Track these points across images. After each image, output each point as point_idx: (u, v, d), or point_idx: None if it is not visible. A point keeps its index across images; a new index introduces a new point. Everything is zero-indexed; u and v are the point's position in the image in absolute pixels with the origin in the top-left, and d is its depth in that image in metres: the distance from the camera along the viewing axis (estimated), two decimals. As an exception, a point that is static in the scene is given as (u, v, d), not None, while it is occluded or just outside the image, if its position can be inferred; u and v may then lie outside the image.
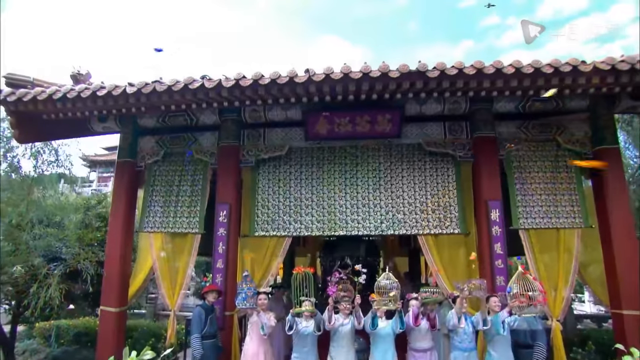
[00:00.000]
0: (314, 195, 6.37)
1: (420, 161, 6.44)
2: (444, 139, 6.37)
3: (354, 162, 6.44)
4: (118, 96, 5.11)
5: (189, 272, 6.48)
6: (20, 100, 5.20)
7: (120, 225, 6.36)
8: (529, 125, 6.38)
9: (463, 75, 5.02)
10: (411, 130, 6.41)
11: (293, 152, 6.48)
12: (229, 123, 6.35)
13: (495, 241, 5.81)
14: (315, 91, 5.03)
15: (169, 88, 4.97)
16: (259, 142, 6.45)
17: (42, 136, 6.22)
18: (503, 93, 5.45)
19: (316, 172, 6.42)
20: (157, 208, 6.54)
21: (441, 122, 6.41)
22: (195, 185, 6.48)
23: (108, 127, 6.60)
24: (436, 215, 6.21)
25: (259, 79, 4.84)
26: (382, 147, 6.45)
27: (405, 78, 4.95)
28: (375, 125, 6.02)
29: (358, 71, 4.85)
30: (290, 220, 6.33)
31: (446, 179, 6.36)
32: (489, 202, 5.92)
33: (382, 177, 6.40)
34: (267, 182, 6.44)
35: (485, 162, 6.13)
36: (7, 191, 6.30)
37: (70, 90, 5.15)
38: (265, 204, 6.39)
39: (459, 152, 6.31)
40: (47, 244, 6.91)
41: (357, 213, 6.31)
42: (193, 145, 6.42)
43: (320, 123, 5.97)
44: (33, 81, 5.37)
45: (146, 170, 6.66)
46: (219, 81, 4.91)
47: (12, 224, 6.40)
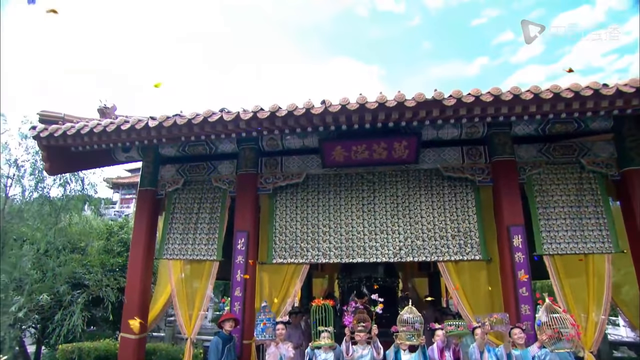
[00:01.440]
0: (331, 222, 6.35)
1: (438, 186, 6.36)
2: (462, 164, 6.29)
3: (371, 188, 6.42)
4: (141, 130, 5.31)
5: (206, 298, 6.51)
6: (52, 136, 5.48)
7: (141, 254, 6.49)
8: (550, 147, 6.24)
9: (480, 102, 5.00)
10: (428, 155, 6.37)
11: (310, 179, 6.52)
12: (247, 151, 6.48)
13: (518, 268, 5.63)
14: (331, 121, 5.09)
15: (189, 121, 5.13)
16: (277, 170, 6.54)
17: (70, 167, 6.49)
18: (522, 118, 5.39)
19: (333, 199, 6.43)
20: (177, 235, 6.65)
21: (459, 147, 6.35)
22: (213, 213, 6.58)
23: (131, 157, 6.85)
24: (456, 242, 6.08)
25: (276, 111, 4.94)
26: (400, 173, 6.42)
27: (421, 107, 4.96)
28: (392, 152, 6.01)
29: (374, 101, 4.89)
30: (307, 247, 6.32)
31: (465, 204, 6.24)
32: (511, 227, 5.77)
33: (399, 202, 6.34)
34: (284, 209, 6.48)
35: (506, 186, 6.01)
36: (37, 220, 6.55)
37: (97, 125, 5.39)
38: (282, 231, 6.41)
39: (478, 176, 6.21)
40: (71, 270, 7.09)
41: (375, 239, 6.24)
42: (212, 174, 6.56)
43: (336, 151, 6.01)
44: (64, 117, 5.66)
45: (166, 198, 6.82)
46: (237, 114, 5.05)
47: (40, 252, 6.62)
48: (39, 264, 6.76)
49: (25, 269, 6.38)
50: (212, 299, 16.01)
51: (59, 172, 6.43)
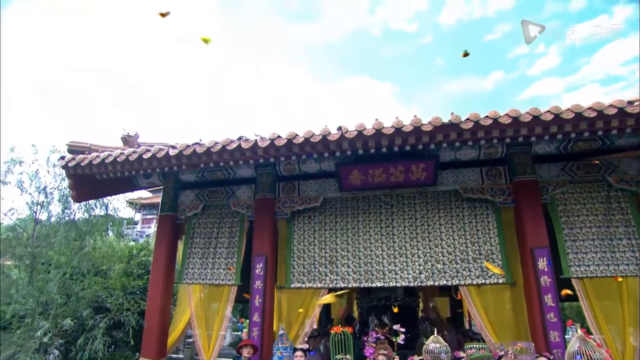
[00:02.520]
0: (349, 245, 6.30)
1: (457, 208, 6.25)
2: (481, 185, 6.18)
3: (389, 211, 6.36)
4: (161, 158, 5.47)
5: (225, 319, 6.52)
6: (79, 165, 5.71)
7: (161, 278, 6.58)
8: (574, 166, 6.08)
9: (498, 125, 4.93)
10: (447, 177, 6.29)
11: (327, 203, 6.53)
12: (264, 176, 6.56)
13: (544, 292, 5.41)
14: (348, 146, 5.12)
15: (208, 149, 5.25)
16: (294, 194, 6.58)
17: (95, 194, 6.73)
18: (542, 138, 5.28)
19: (351, 222, 6.39)
20: (196, 260, 6.72)
21: (478, 168, 6.25)
22: (232, 237, 6.64)
23: (152, 182, 7.03)
24: (478, 265, 5.92)
25: (293, 138, 5.01)
26: (418, 195, 6.35)
27: (438, 131, 4.93)
28: (409, 175, 5.97)
29: (390, 126, 4.90)
30: (326, 271, 6.27)
31: (486, 225, 6.10)
32: (535, 249, 5.59)
33: (418, 225, 6.25)
34: (302, 233, 6.48)
35: (528, 207, 5.85)
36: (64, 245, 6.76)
37: (120, 154, 5.58)
38: (300, 255, 6.40)
39: (498, 197, 6.08)
40: (93, 293, 7.24)
41: (394, 263, 6.15)
42: (230, 199, 6.65)
43: (353, 175, 6.01)
44: (90, 147, 5.89)
45: (186, 223, 6.94)
46: (254, 141, 5.14)
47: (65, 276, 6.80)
48: (64, 288, 6.94)
49: (51, 293, 6.56)
50: (231, 319, 15.98)
51: (84, 199, 6.67)
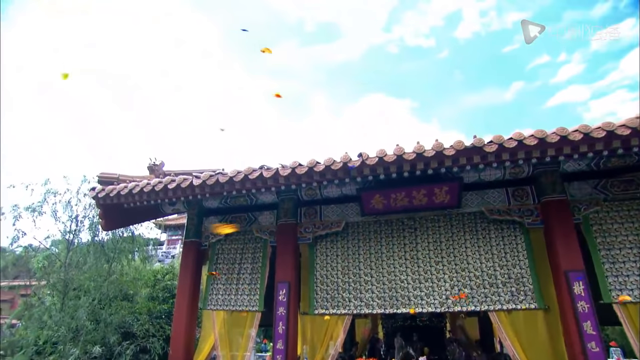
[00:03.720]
0: (373, 270, 6.20)
1: (484, 230, 6.07)
2: (507, 206, 5.99)
3: (413, 234, 6.24)
4: (186, 188, 5.61)
5: (250, 343, 6.50)
6: (108, 196, 5.94)
7: (186, 304, 6.65)
8: (608, 183, 5.81)
9: (523, 146, 4.81)
10: (471, 198, 6.14)
11: (350, 227, 6.48)
12: (286, 202, 6.60)
13: (583, 319, 5.11)
14: (369, 173, 5.10)
15: (231, 179, 5.35)
16: (316, 219, 6.58)
17: (123, 222, 6.94)
18: (571, 157, 5.09)
19: (374, 247, 6.30)
20: (220, 286, 6.77)
21: (503, 188, 6.08)
22: (255, 263, 6.67)
23: (176, 209, 7.21)
24: (507, 289, 5.69)
25: (314, 166, 5.04)
26: (442, 218, 6.22)
27: (461, 154, 4.85)
28: (432, 198, 5.87)
29: (411, 152, 4.86)
30: (350, 297, 6.17)
31: (515, 247, 5.88)
32: (569, 273, 5.32)
33: (443, 248, 6.10)
34: (324, 258, 6.44)
35: (558, 228, 5.60)
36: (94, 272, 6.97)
37: (146, 185, 5.77)
38: (324, 280, 6.34)
39: (526, 218, 5.87)
40: (121, 318, 7.41)
41: (419, 288, 5.99)
42: (253, 225, 6.71)
43: (375, 199, 5.96)
44: (118, 177, 6.13)
45: (210, 249, 7.03)
46: (276, 170, 5.20)
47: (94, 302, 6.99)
48: (93, 313, 7.13)
49: (81, 319, 6.75)
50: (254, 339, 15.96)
51: (113, 227, 6.90)
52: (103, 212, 6.24)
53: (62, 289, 6.89)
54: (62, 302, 6.90)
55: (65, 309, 6.79)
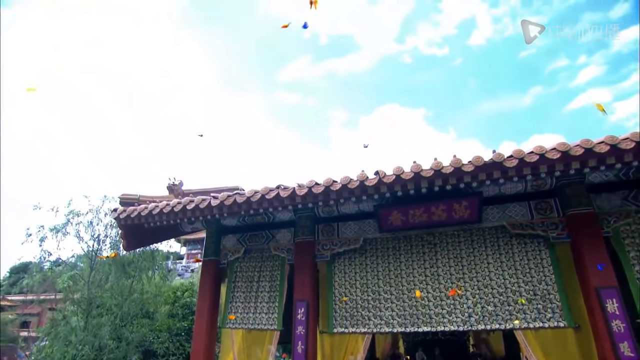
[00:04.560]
0: (392, 287, 6.09)
1: (506, 245, 5.89)
2: (530, 219, 5.81)
3: (432, 250, 6.12)
4: (204, 208, 5.68)
5: (270, 358, 6.43)
6: (129, 217, 6.07)
7: (205, 323, 6.68)
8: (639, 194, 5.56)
9: (546, 160, 4.67)
10: (492, 213, 5.99)
11: (367, 244, 6.40)
12: (303, 219, 6.59)
13: (619, 339, 4.85)
14: (386, 190, 5.04)
15: (248, 199, 5.39)
16: (333, 236, 6.53)
17: (144, 242, 7.08)
18: (597, 169, 4.91)
19: (393, 263, 6.20)
20: (238, 304, 6.78)
21: (525, 202, 5.90)
22: (273, 281, 6.66)
23: (195, 227, 7.30)
24: (533, 306, 5.47)
25: (330, 185, 5.02)
26: (462, 233, 6.08)
27: (480, 170, 4.75)
28: (452, 213, 5.75)
29: (429, 169, 4.79)
30: (369, 315, 6.07)
31: (539, 263, 5.67)
32: (601, 290, 5.07)
33: (465, 264, 5.94)
34: (343, 276, 6.36)
35: (586, 242, 5.38)
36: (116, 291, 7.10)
37: (166, 205, 5.87)
38: (342, 298, 6.26)
39: (551, 232, 5.67)
40: (142, 336, 7.49)
41: (441, 306, 5.83)
42: (271, 242, 6.73)
43: (393, 216, 5.89)
44: (139, 198, 6.26)
45: (228, 267, 7.07)
46: (292, 189, 5.21)
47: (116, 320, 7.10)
48: (115, 331, 7.24)
49: (104, 338, 6.86)
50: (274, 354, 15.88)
51: (134, 247, 7.03)
52: (124, 232, 6.38)
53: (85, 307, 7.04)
54: (85, 321, 7.04)
55: (88, 328, 6.93)
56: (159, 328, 8.01)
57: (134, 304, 7.39)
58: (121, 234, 6.47)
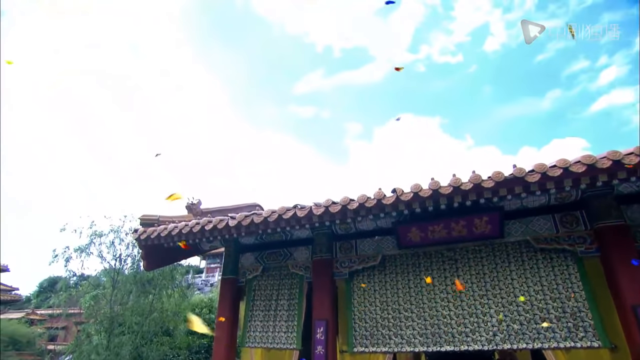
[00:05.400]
0: (413, 305, 5.95)
1: (530, 260, 5.67)
2: (555, 233, 5.59)
3: (454, 266, 5.96)
4: (222, 228, 5.72)
5: None
6: (149, 237, 6.17)
7: (225, 341, 6.67)
8: (678, 203, 5.28)
9: (570, 174, 4.51)
10: (514, 227, 5.80)
11: (386, 261, 6.29)
12: (320, 236, 6.56)
13: (660, 361, 4.57)
14: (404, 208, 4.96)
15: (265, 219, 5.40)
16: (352, 254, 6.46)
17: (163, 262, 7.18)
18: (627, 180, 4.70)
19: (413, 280, 6.06)
20: (257, 323, 6.75)
21: (549, 215, 5.69)
22: (292, 300, 6.62)
23: (214, 246, 7.37)
24: (563, 324, 5.22)
25: (348, 204, 4.98)
26: (484, 248, 5.90)
27: (501, 186, 4.62)
28: (472, 228, 5.60)
29: (448, 185, 4.69)
30: (390, 334, 5.93)
31: (567, 278, 5.43)
32: (638, 308, 4.80)
33: (487, 281, 5.75)
34: (362, 294, 6.26)
35: (619, 256, 5.11)
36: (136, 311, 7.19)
37: (185, 226, 5.95)
38: (362, 317, 6.15)
39: (578, 246, 5.43)
40: (162, 354, 7.55)
41: (464, 324, 5.65)
42: (288, 260, 6.71)
43: (412, 232, 5.78)
44: (159, 219, 6.38)
45: (246, 286, 7.07)
46: (309, 209, 5.19)
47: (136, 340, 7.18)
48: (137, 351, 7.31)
49: (125, 357, 6.94)
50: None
51: (154, 267, 7.14)
52: (145, 252, 6.49)
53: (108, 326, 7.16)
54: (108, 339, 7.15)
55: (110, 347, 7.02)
56: (178, 346, 8.06)
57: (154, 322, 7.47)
58: (142, 254, 6.59)
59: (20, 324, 17.18)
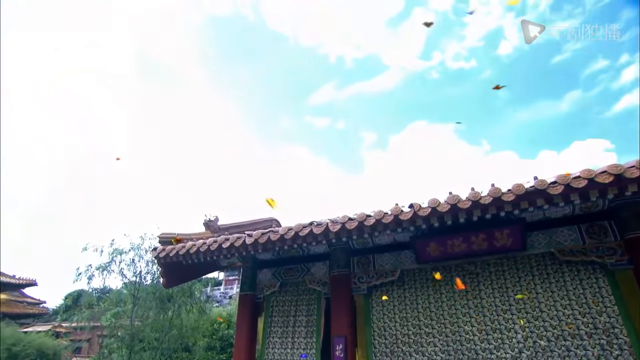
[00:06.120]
0: (433, 321, 5.81)
1: (556, 273, 5.47)
2: (582, 245, 5.37)
3: (475, 280, 5.80)
4: (239, 246, 5.74)
5: None
6: (168, 255, 6.25)
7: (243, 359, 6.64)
8: None
9: (596, 185, 4.34)
10: (537, 239, 5.61)
11: (405, 275, 6.18)
12: (338, 251, 6.51)
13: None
14: (422, 223, 4.87)
15: (282, 236, 5.39)
16: (369, 268, 6.37)
17: (182, 279, 7.26)
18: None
19: (433, 295, 5.93)
20: (276, 339, 6.71)
21: (574, 225, 5.48)
22: (310, 316, 6.56)
23: (232, 262, 7.41)
24: (595, 341, 4.99)
25: (364, 220, 4.93)
26: (506, 261, 5.73)
27: (522, 199, 4.49)
28: (493, 241, 5.46)
29: (466, 199, 4.59)
30: (410, 350, 5.79)
31: (597, 292, 5.20)
32: (677, 324, 4.55)
33: (511, 295, 5.56)
34: (381, 309, 6.16)
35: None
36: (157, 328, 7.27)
37: (202, 244, 6.01)
38: (381, 333, 6.04)
39: (608, 258, 5.20)
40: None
41: (487, 340, 5.47)
42: (306, 276, 6.68)
43: (431, 247, 5.68)
44: (177, 237, 6.45)
45: (264, 302, 7.06)
46: (326, 226, 5.16)
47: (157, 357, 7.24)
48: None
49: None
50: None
51: (173, 284, 7.22)
52: (164, 270, 6.57)
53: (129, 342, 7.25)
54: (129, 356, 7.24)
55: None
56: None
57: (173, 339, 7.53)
58: (161, 272, 6.67)
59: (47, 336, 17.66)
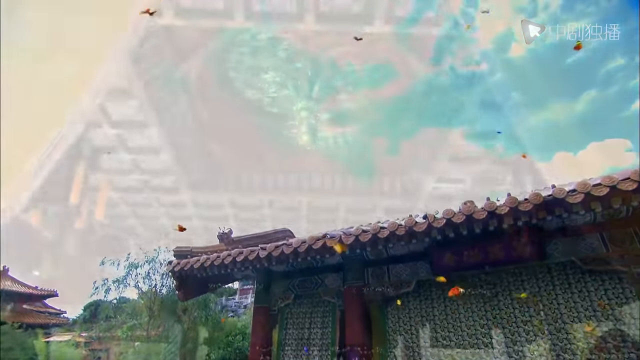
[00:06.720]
0: (451, 333, 5.67)
1: (578, 283, 5.28)
2: (605, 253, 5.18)
3: (493, 290, 5.66)
4: (253, 259, 5.76)
5: None
6: (183, 269, 6.31)
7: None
8: None
9: (619, 192, 4.20)
10: (557, 247, 5.44)
11: (420, 286, 6.07)
12: (352, 262, 6.46)
13: None
14: (437, 234, 4.80)
15: (295, 249, 5.39)
16: (384, 280, 6.29)
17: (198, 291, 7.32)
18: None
19: (450, 306, 5.81)
20: (290, 352, 6.67)
21: (596, 233, 5.29)
22: (325, 328, 6.50)
23: (246, 274, 7.42)
24: (624, 355, 4.78)
25: (378, 232, 4.88)
26: (524, 270, 5.57)
27: (539, 208, 4.37)
28: (510, 251, 5.32)
29: (482, 210, 4.50)
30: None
31: (624, 302, 4.99)
32: None
33: (530, 306, 5.40)
34: (397, 321, 6.06)
35: (683, 278, 4.68)
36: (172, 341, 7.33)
37: (217, 258, 6.06)
38: (397, 345, 5.93)
39: (634, 267, 4.99)
40: (199, 382, 7.60)
41: (507, 353, 5.31)
42: (320, 288, 6.64)
43: (446, 257, 5.58)
44: (191, 250, 6.53)
45: (279, 314, 7.04)
46: (339, 238, 5.13)
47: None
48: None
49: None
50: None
51: (189, 297, 7.28)
52: (179, 283, 6.64)
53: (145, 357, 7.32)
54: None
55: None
56: (214, 374, 8.09)
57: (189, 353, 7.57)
58: (176, 285, 6.74)
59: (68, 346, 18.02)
